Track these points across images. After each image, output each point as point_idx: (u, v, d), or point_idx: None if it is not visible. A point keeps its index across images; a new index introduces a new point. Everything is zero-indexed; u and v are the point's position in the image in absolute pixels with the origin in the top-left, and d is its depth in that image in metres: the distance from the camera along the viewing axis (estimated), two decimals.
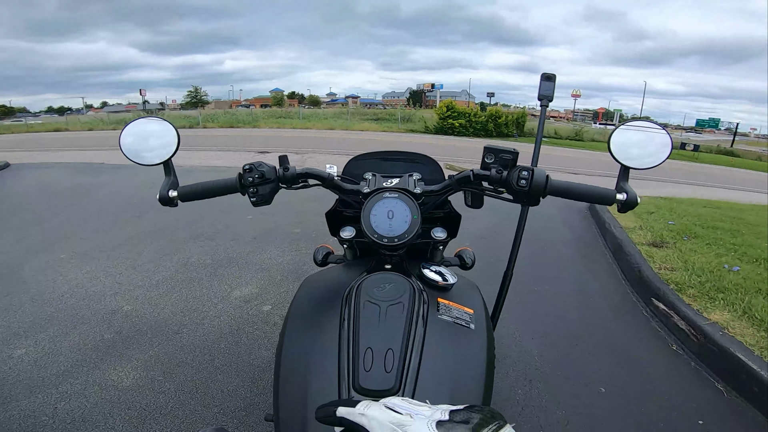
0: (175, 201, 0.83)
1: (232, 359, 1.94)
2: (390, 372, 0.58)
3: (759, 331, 2.00)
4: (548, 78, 1.30)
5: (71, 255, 3.15)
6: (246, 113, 28.16)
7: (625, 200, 0.77)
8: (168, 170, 0.84)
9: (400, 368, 0.59)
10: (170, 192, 0.82)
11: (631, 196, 0.78)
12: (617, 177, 0.82)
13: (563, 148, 17.51)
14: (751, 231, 3.94)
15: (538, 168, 0.77)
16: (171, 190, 0.82)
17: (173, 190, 0.82)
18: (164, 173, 0.84)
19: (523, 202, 0.79)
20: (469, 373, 0.66)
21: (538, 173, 0.75)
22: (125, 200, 4.78)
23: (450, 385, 0.63)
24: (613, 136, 0.82)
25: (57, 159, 8.26)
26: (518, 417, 1.62)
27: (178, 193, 0.82)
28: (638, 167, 0.81)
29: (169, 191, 0.82)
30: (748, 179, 13.06)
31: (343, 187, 0.89)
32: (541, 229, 4.02)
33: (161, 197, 0.82)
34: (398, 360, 0.59)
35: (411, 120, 25.37)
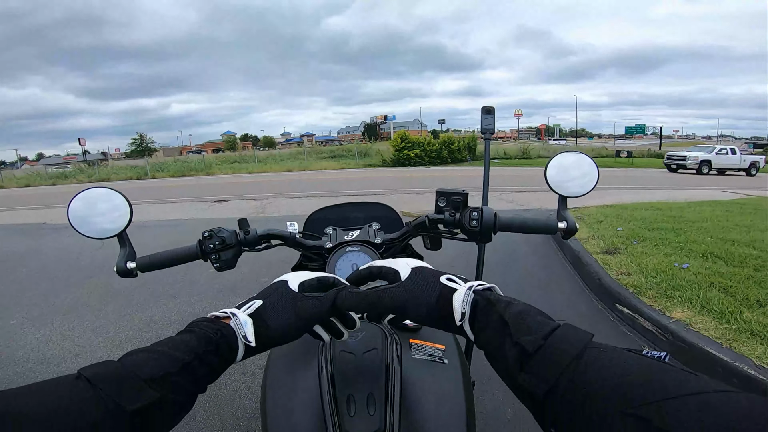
0: (134, 272, 0.82)
1: (214, 411, 1.84)
2: (374, 415, 0.59)
3: (721, 324, 2.14)
4: (488, 111, 1.39)
5: (22, 320, 2.92)
6: (198, 160, 27.48)
7: (566, 228, 0.85)
8: (123, 242, 0.83)
9: (383, 409, 0.60)
10: (128, 264, 0.81)
11: (571, 224, 0.85)
12: (557, 207, 0.88)
13: (513, 167, 18.37)
14: (692, 228, 4.28)
15: (487, 207, 0.83)
16: (129, 261, 0.81)
17: (131, 262, 0.81)
18: (119, 245, 0.83)
19: (477, 240, 0.84)
20: (450, 403, 0.69)
21: (486, 212, 0.82)
22: (73, 262, 4.50)
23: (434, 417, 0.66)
24: (548, 170, 0.88)
25: None
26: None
27: (137, 264, 0.81)
28: (574, 195, 0.87)
29: (127, 263, 0.81)
30: (680, 178, 14.20)
31: (306, 244, 0.92)
32: (502, 247, 4.17)
33: (119, 270, 0.80)
34: (380, 402, 0.61)
35: (368, 154, 25.79)
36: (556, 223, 0.85)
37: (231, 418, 1.80)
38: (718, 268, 2.94)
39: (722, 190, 9.76)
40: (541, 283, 3.35)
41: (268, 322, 0.51)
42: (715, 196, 8.31)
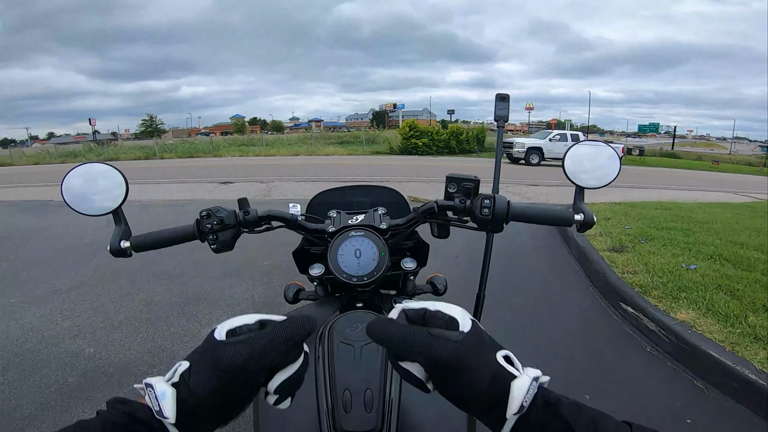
0: (128, 251, 0.78)
1: None
2: (370, 412, 0.57)
3: (725, 327, 2.11)
4: (502, 98, 1.34)
5: (23, 299, 2.93)
6: (206, 142, 27.50)
7: (582, 220, 0.80)
8: (118, 219, 0.79)
9: (380, 407, 0.58)
10: (122, 242, 0.78)
11: (588, 216, 0.81)
12: (573, 198, 0.85)
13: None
14: (701, 229, 4.20)
15: (500, 195, 0.79)
16: (123, 240, 0.78)
17: (125, 240, 0.78)
18: (114, 222, 0.79)
19: (488, 230, 0.80)
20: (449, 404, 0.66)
21: (499, 200, 0.76)
22: (77, 240, 4.51)
23: (432, 419, 0.63)
24: (566, 159, 0.85)
25: (0, 197, 7.74)
26: None
27: (131, 244, 0.78)
28: (592, 187, 0.84)
29: (121, 242, 0.78)
30: (691, 178, 14.01)
31: (308, 227, 0.87)
32: (508, 241, 4.13)
33: (112, 249, 0.77)
34: (378, 399, 0.58)
35: (375, 141, 25.67)
36: (572, 214, 0.81)
37: None
38: (725, 270, 2.89)
39: (733, 193, 9.60)
40: (546, 279, 3.31)
41: (191, 387, 0.39)
42: (726, 198, 8.18)
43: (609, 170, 0.84)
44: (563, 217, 0.81)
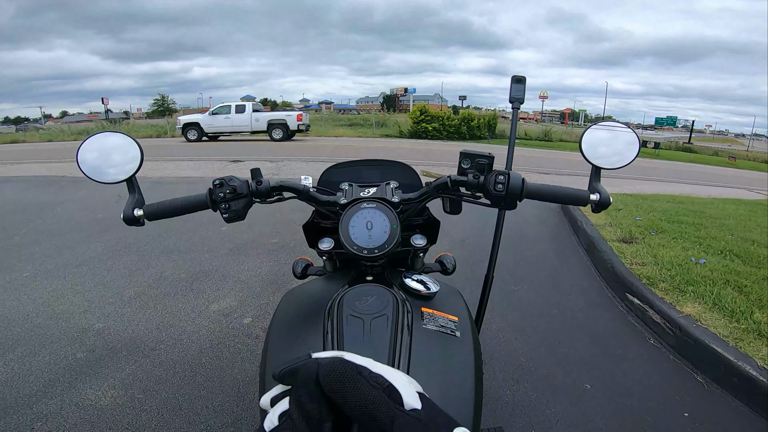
0: (141, 220, 0.79)
1: (215, 374, 1.88)
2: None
3: (731, 322, 2.09)
4: (518, 81, 1.32)
5: (35, 273, 2.99)
6: None
7: (598, 200, 0.80)
8: (132, 188, 0.80)
9: None
10: (135, 211, 0.78)
11: (604, 197, 0.80)
12: (589, 178, 0.84)
13: (533, 148, 17.97)
14: (713, 224, 4.14)
15: (514, 172, 0.78)
16: (136, 208, 0.79)
17: (138, 209, 0.79)
18: (128, 191, 0.80)
19: (501, 207, 0.79)
20: (458, 382, 0.65)
21: (514, 177, 0.76)
22: (89, 215, 4.58)
23: (440, 397, 0.62)
24: (584, 137, 0.84)
25: (14, 173, 7.85)
26: (509, 416, 1.63)
27: (144, 212, 0.79)
28: (609, 167, 0.84)
29: (134, 210, 0.78)
30: (706, 173, 13.74)
31: (319, 199, 0.87)
32: (516, 228, 4.11)
33: (126, 217, 0.78)
34: None
35: (386, 125, 25.47)
36: (588, 194, 0.80)
37: (231, 381, 1.83)
38: (735, 266, 2.85)
39: (748, 190, 9.41)
40: (553, 267, 3.30)
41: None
42: (741, 195, 8.01)
43: (627, 152, 0.83)
44: (579, 197, 0.80)
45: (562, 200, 0.82)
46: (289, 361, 0.36)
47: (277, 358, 0.70)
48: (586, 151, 0.83)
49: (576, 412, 1.68)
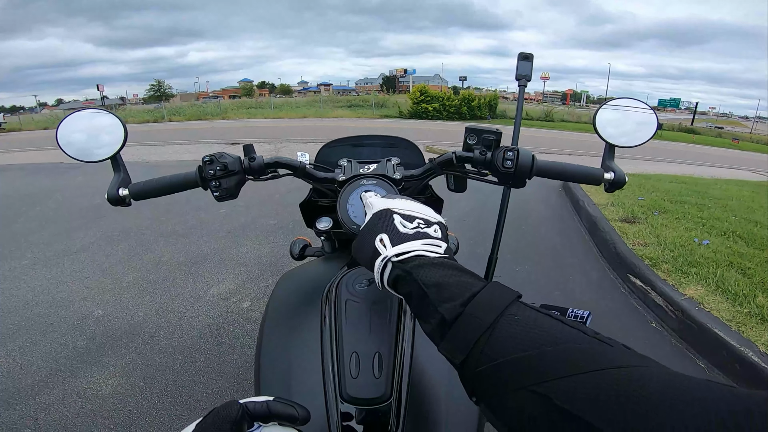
0: (127, 200, 0.75)
1: (215, 359, 1.87)
2: (379, 378, 0.53)
3: (734, 306, 2.06)
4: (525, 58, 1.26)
5: (33, 261, 2.98)
6: (214, 105, 27.26)
7: (612, 179, 0.76)
8: (116, 166, 0.76)
9: (390, 373, 0.53)
10: (120, 190, 0.74)
11: (619, 175, 0.76)
12: (602, 156, 0.80)
13: (534, 128, 17.80)
14: (716, 204, 4.10)
15: (524, 148, 0.73)
16: (121, 188, 0.74)
17: (123, 188, 0.74)
18: (113, 170, 0.76)
19: (509, 184, 0.75)
20: None
21: (523, 153, 0.71)
22: (86, 201, 4.54)
23: (443, 386, 0.59)
24: (599, 115, 0.81)
25: (10, 161, 7.79)
26: None
27: (130, 191, 0.74)
28: (624, 145, 0.80)
29: (119, 189, 0.74)
30: (709, 155, 13.63)
31: (317, 175, 0.82)
32: (517, 208, 4.07)
33: (110, 197, 0.74)
34: (387, 364, 0.54)
35: (385, 106, 25.28)
36: (602, 173, 0.76)
37: (230, 366, 1.83)
38: (738, 248, 2.82)
39: (751, 171, 9.33)
40: (554, 247, 3.28)
41: None
42: (744, 176, 7.94)
43: (643, 130, 0.80)
44: (592, 175, 0.77)
45: (574, 178, 0.78)
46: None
47: (272, 346, 0.67)
48: (600, 128, 0.80)
49: None
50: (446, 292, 0.37)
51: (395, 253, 0.43)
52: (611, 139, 0.79)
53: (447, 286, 0.38)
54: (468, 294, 0.36)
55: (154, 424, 1.52)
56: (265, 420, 0.39)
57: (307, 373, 0.59)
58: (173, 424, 1.52)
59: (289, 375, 0.61)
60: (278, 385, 0.61)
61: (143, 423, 1.53)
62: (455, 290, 0.37)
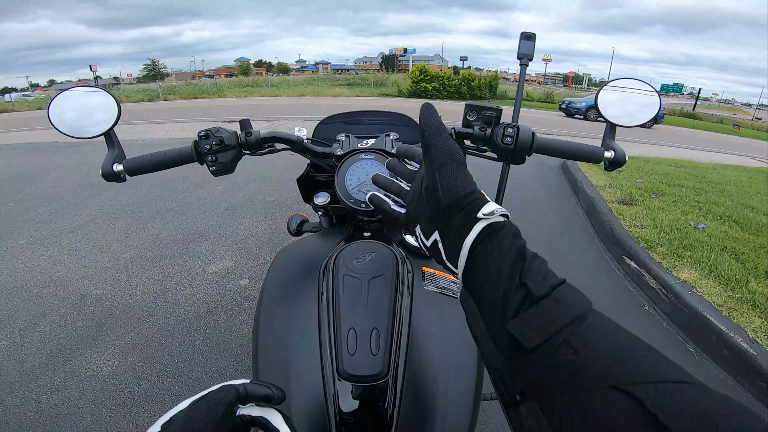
0: (122, 175, 0.75)
1: (213, 338, 1.89)
2: (377, 355, 0.52)
3: (726, 291, 2.08)
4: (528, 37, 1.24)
5: (30, 240, 2.97)
6: (210, 84, 26.81)
7: (612, 158, 0.77)
8: (110, 142, 0.76)
9: (387, 350, 0.53)
10: (115, 166, 0.74)
11: (619, 154, 0.78)
12: (603, 134, 0.81)
13: (534, 110, 17.64)
14: (713, 189, 4.11)
15: (524, 125, 0.73)
16: (115, 163, 0.74)
17: (118, 164, 0.74)
18: (107, 146, 0.76)
19: (508, 161, 0.75)
20: (459, 347, 0.62)
21: (523, 130, 0.72)
22: (82, 179, 4.51)
23: (441, 363, 0.60)
24: (601, 94, 0.81)
25: (5, 141, 7.69)
26: None
27: (125, 167, 0.74)
28: (625, 125, 0.80)
29: (114, 165, 0.74)
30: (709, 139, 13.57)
31: (314, 150, 0.83)
32: (515, 187, 4.08)
33: (104, 172, 0.74)
34: (385, 341, 0.54)
35: (384, 84, 24.95)
36: (602, 151, 0.77)
37: (229, 345, 1.85)
38: (733, 233, 2.84)
39: (750, 157, 9.30)
40: (552, 227, 3.30)
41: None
42: (743, 162, 7.92)
43: (646, 109, 0.80)
44: (592, 153, 0.78)
45: (574, 156, 0.78)
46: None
47: (269, 322, 0.67)
48: (602, 107, 0.80)
49: None
50: (537, 268, 0.33)
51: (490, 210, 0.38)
52: (613, 119, 0.80)
53: (539, 262, 0.34)
54: (555, 280, 0.33)
55: (154, 404, 1.55)
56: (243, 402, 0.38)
57: (304, 349, 0.60)
58: (173, 403, 1.54)
59: (287, 352, 0.61)
60: (275, 362, 0.61)
61: (144, 404, 1.55)
62: (544, 270, 0.34)
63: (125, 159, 0.76)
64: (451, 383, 0.58)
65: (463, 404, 0.58)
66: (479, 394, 0.62)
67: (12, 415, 1.50)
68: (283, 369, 0.59)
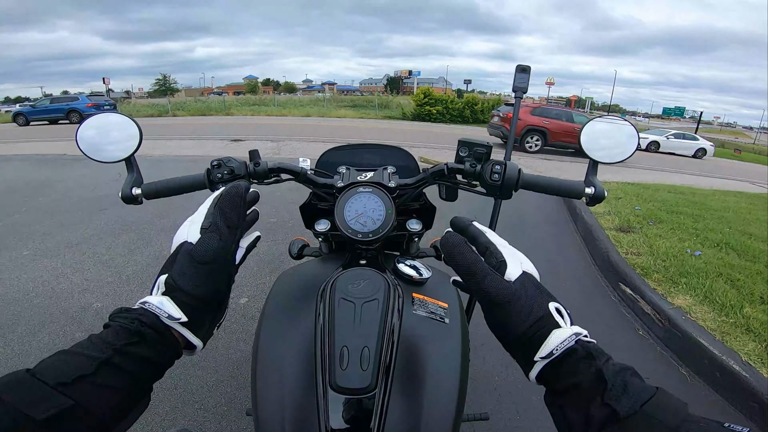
0: (139, 199, 0.80)
1: (210, 354, 1.91)
2: (366, 370, 0.57)
3: (720, 316, 2.10)
4: (523, 70, 1.31)
5: (34, 252, 3.02)
6: (218, 101, 27.30)
7: (593, 194, 0.81)
8: (130, 167, 0.81)
9: (376, 366, 0.58)
10: (133, 189, 0.79)
11: (599, 191, 0.81)
12: (586, 171, 0.84)
13: None
14: (712, 216, 4.13)
15: (511, 162, 0.78)
16: (134, 187, 0.79)
17: (137, 188, 0.79)
18: (127, 170, 0.81)
19: (496, 196, 0.80)
20: (444, 368, 0.67)
21: (510, 167, 0.77)
22: (90, 192, 4.60)
23: (426, 381, 0.63)
24: (584, 131, 0.85)
25: (15, 151, 7.84)
26: (496, 403, 1.67)
27: (143, 191, 0.80)
28: (607, 161, 0.84)
29: (133, 189, 0.79)
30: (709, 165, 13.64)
31: (317, 181, 0.88)
32: (514, 213, 4.12)
33: (124, 195, 0.79)
34: (374, 358, 0.58)
35: (388, 107, 25.29)
36: (583, 187, 0.81)
37: (226, 361, 1.87)
38: (730, 259, 2.86)
39: (751, 183, 9.34)
40: (548, 252, 3.32)
41: (182, 289, 0.43)
42: (743, 187, 7.96)
43: (625, 147, 0.84)
44: (573, 189, 0.81)
45: (557, 192, 0.82)
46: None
47: (269, 338, 0.71)
48: (585, 144, 0.84)
49: None
50: (622, 384, 0.35)
51: (583, 333, 0.40)
52: (595, 155, 0.84)
53: (625, 378, 0.36)
54: (645, 394, 0.34)
55: (148, 415, 1.56)
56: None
57: (301, 363, 0.64)
58: (167, 415, 1.56)
59: (284, 366, 0.65)
60: (273, 376, 0.65)
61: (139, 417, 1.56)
62: (632, 386, 0.35)
63: (143, 183, 0.81)
64: (434, 400, 0.62)
65: (445, 421, 0.62)
66: (460, 413, 0.65)
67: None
68: (280, 380, 0.64)
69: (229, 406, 1.60)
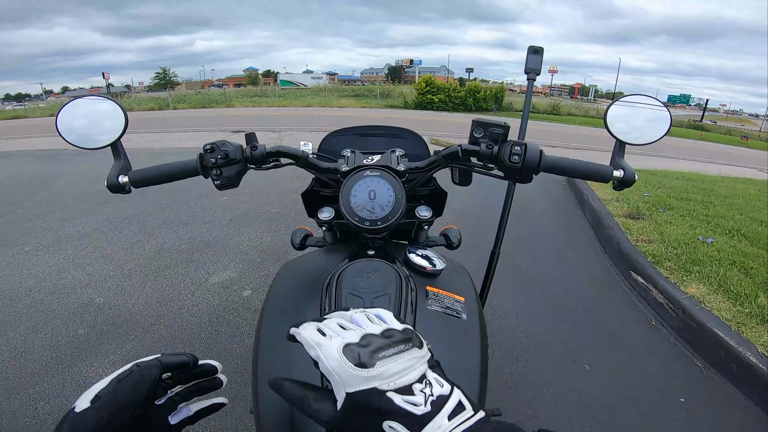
0: (126, 187, 0.74)
1: (214, 349, 1.88)
2: None
3: (735, 306, 2.04)
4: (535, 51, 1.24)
5: (36, 247, 2.99)
6: (219, 93, 27.18)
7: (622, 177, 0.75)
8: (117, 153, 0.75)
9: None
10: (120, 177, 0.73)
11: (629, 173, 0.75)
12: (612, 153, 0.79)
13: (540, 122, 17.64)
14: (722, 203, 4.05)
15: (531, 143, 0.72)
16: (121, 175, 0.74)
17: (123, 176, 0.74)
18: (113, 157, 0.75)
19: (515, 179, 0.74)
20: (464, 368, 0.62)
21: (531, 148, 0.70)
22: (91, 187, 4.55)
23: None
24: (610, 111, 0.79)
25: (15, 147, 7.80)
26: (507, 396, 1.63)
27: (130, 179, 0.74)
28: (635, 143, 0.79)
29: (119, 176, 0.73)
30: (717, 152, 13.47)
31: (319, 165, 0.81)
32: (521, 201, 4.05)
33: (110, 184, 0.73)
34: None
35: (390, 96, 25.14)
36: (611, 170, 0.75)
37: (230, 356, 1.84)
38: (742, 247, 2.79)
39: (759, 170, 9.21)
40: (557, 242, 3.26)
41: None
42: (751, 174, 7.85)
43: (656, 128, 0.78)
44: (601, 172, 0.75)
45: (582, 175, 0.76)
46: None
47: (271, 336, 0.67)
48: (611, 124, 0.78)
49: (573, 394, 1.67)
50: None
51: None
52: (622, 136, 0.78)
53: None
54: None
55: None
56: (164, 372, 0.43)
57: (304, 361, 0.59)
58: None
59: (287, 363, 0.61)
60: (276, 373, 0.61)
61: None
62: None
63: (131, 171, 0.75)
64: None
65: None
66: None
67: (8, 421, 1.50)
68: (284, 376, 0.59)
69: (233, 403, 1.56)
